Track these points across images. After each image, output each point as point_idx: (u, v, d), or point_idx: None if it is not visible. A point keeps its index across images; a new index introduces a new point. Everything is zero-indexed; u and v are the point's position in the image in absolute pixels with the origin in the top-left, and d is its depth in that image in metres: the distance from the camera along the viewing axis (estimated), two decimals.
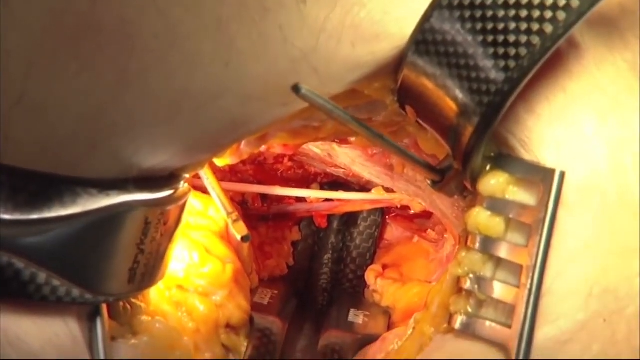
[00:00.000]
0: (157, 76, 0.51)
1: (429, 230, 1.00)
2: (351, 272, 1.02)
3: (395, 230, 1.04)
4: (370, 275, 0.96)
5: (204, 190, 0.78)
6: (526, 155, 0.56)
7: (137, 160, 0.54)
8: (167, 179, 0.58)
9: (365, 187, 0.99)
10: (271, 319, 0.72)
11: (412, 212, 1.01)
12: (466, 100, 0.54)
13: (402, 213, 1.03)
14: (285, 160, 0.97)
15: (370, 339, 0.72)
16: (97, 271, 0.54)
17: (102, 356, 0.55)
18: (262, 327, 0.69)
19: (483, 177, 0.57)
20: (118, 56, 0.50)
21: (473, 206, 0.58)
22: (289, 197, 0.99)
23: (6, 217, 0.49)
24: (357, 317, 0.82)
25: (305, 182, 1.01)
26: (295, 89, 0.49)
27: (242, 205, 0.94)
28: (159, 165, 0.56)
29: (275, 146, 0.79)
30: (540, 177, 0.55)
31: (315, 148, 0.88)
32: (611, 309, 0.54)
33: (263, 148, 0.79)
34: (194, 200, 0.76)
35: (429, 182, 0.67)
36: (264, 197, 0.99)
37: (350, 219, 1.03)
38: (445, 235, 0.94)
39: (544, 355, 0.54)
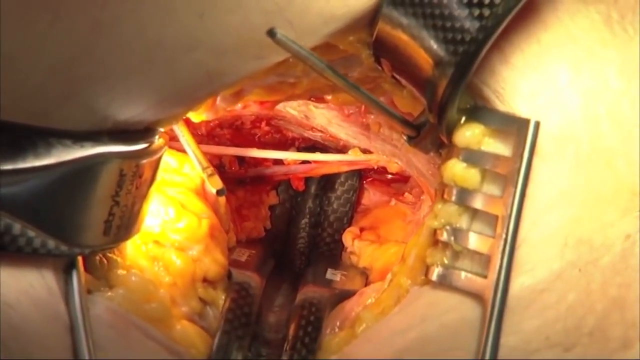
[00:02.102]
0: (130, 27, 0.51)
1: (406, 193, 1.00)
2: (328, 236, 1.02)
3: (372, 195, 1.04)
4: (347, 237, 0.96)
5: (180, 151, 0.78)
6: (501, 107, 0.56)
7: (111, 112, 0.54)
8: (142, 132, 0.58)
9: (342, 150, 0.98)
10: (249, 273, 0.72)
11: (390, 176, 1.01)
12: (441, 51, 0.54)
13: (379, 177, 1.03)
14: (263, 124, 0.96)
15: (347, 294, 0.72)
16: (72, 222, 0.54)
17: (78, 308, 0.54)
18: (240, 280, 0.68)
19: (458, 129, 0.57)
20: (91, 7, 0.49)
21: (449, 159, 0.59)
22: (266, 160, 0.98)
23: None
24: (334, 276, 0.82)
25: (282, 146, 1.00)
26: (271, 33, 0.49)
27: (219, 169, 0.93)
28: (133, 118, 0.55)
29: (252, 104, 0.79)
30: (515, 127, 0.55)
31: (291, 110, 0.88)
32: (586, 258, 0.55)
33: (239, 106, 0.80)
34: (169, 158, 0.76)
35: (404, 137, 0.67)
36: (241, 160, 0.99)
37: (327, 184, 1.03)
38: (422, 197, 0.94)
39: (520, 304, 0.55)
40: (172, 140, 0.78)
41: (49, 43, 0.49)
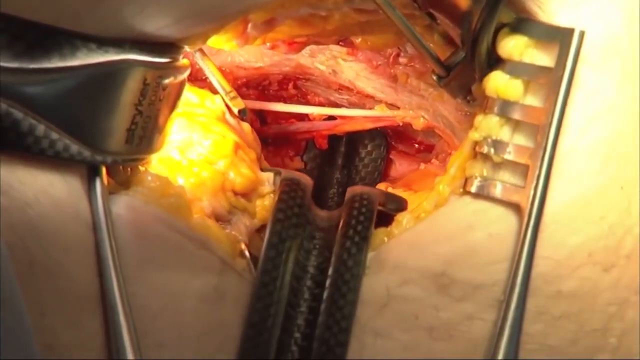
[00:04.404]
0: None
1: (433, 159, 0.98)
2: None
3: (399, 166, 1.02)
4: (380, 188, 0.94)
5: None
6: (544, 17, 0.55)
7: (139, 21, 0.52)
8: (167, 46, 0.57)
9: None
10: (298, 173, 0.69)
11: (416, 146, 1.00)
12: None
13: (405, 148, 1.02)
14: (290, 86, 0.95)
15: (394, 196, 0.69)
16: (95, 126, 0.53)
17: (101, 213, 0.53)
18: (291, 176, 0.66)
19: (501, 39, 0.57)
20: None
21: (490, 73, 0.58)
22: (289, 120, 0.97)
23: (5, 64, 0.48)
24: None
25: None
26: None
27: (241, 117, 0.92)
28: (160, 31, 0.54)
29: (280, 44, 0.78)
30: (559, 38, 0.54)
31: (320, 65, 0.88)
32: (627, 176, 0.54)
33: (267, 46, 0.78)
34: (190, 94, 0.75)
35: (434, 77, 0.67)
36: (264, 121, 0.98)
37: (354, 154, 1.01)
38: (450, 154, 0.93)
39: (566, 216, 0.54)
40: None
41: None
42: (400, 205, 0.66)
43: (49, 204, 0.52)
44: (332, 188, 1.01)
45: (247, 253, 0.62)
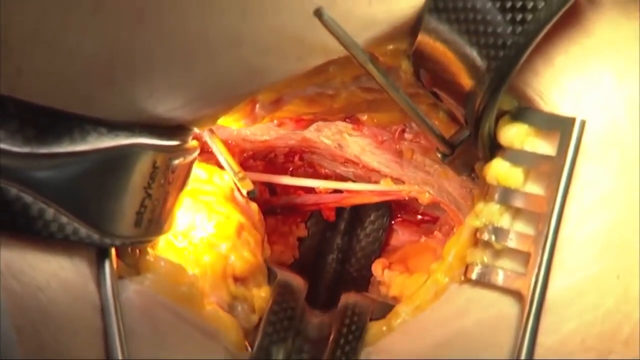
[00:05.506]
0: (173, 19, 0.51)
1: (436, 232, 0.99)
2: (355, 271, 1.01)
3: (401, 236, 1.03)
4: (377, 267, 0.94)
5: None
6: (545, 107, 0.56)
7: (150, 104, 0.53)
8: (176, 129, 0.58)
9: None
10: (291, 275, 0.71)
11: (419, 217, 1.00)
12: (482, 58, 0.54)
13: (409, 218, 1.03)
14: (296, 158, 0.97)
15: (387, 306, 0.70)
16: (105, 210, 0.53)
17: (110, 296, 0.54)
18: (284, 279, 0.68)
19: (502, 127, 0.58)
20: None
21: (489, 161, 0.59)
22: (297, 192, 0.98)
23: (15, 149, 0.49)
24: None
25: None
26: (318, 13, 0.49)
27: (250, 197, 0.93)
28: (170, 112, 0.55)
29: (287, 122, 0.79)
30: (560, 127, 0.55)
31: (325, 139, 0.89)
32: (624, 265, 0.55)
33: (275, 123, 0.79)
34: (199, 170, 0.76)
35: (439, 155, 0.67)
36: (273, 191, 0.99)
37: (357, 223, 1.02)
38: (453, 231, 0.93)
39: (559, 304, 0.54)
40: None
41: (90, 29, 0.49)
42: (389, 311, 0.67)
43: (58, 288, 0.52)
44: (331, 254, 1.02)
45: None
